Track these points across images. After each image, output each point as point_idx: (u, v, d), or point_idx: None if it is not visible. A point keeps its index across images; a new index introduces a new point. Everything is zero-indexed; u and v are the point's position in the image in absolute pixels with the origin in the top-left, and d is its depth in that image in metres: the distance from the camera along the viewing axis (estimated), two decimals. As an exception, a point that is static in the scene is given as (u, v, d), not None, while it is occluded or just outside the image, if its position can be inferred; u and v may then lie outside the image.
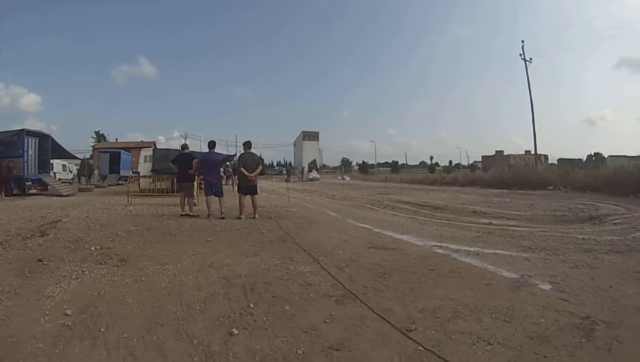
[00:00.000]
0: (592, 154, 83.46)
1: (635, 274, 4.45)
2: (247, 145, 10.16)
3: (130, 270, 4.72)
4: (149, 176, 16.49)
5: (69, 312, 3.41)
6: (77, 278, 4.38)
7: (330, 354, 2.73)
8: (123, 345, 2.86)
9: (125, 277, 4.45)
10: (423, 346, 2.80)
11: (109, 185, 29.14)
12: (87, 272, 4.60)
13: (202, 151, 10.64)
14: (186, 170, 10.16)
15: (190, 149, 11.20)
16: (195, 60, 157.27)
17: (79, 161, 38.33)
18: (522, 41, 36.53)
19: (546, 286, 4.07)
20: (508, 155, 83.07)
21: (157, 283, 4.23)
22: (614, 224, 8.16)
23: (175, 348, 2.83)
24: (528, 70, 35.09)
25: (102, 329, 3.10)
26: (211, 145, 10.16)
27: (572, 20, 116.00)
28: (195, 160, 10.27)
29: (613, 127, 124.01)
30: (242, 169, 9.50)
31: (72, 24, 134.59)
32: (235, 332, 3.06)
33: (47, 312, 3.42)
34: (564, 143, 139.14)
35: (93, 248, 5.80)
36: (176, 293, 3.93)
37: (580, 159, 72.74)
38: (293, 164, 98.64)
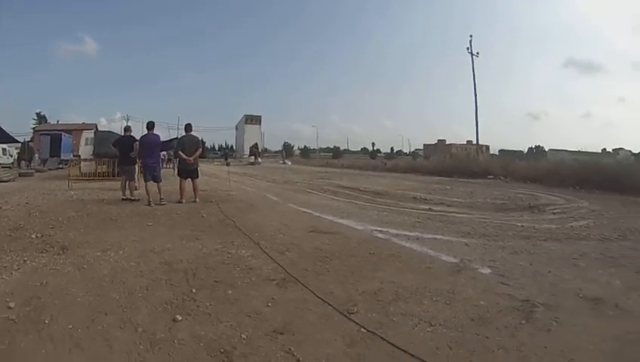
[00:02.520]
0: (534, 146, 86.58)
1: (572, 260, 4.65)
2: (188, 127, 9.89)
3: (72, 257, 4.58)
4: (90, 160, 15.99)
5: (12, 305, 3.25)
6: (18, 268, 4.19)
7: (275, 337, 2.76)
8: (68, 336, 2.77)
9: (67, 265, 4.31)
10: (365, 328, 2.87)
11: (50, 170, 27.82)
12: (28, 262, 4.42)
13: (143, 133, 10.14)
14: (128, 153, 9.83)
15: (132, 132, 10.80)
16: (138, 38, 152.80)
17: (19, 145, 36.31)
18: (470, 36, 37.78)
19: (486, 271, 4.22)
20: (450, 144, 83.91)
21: (99, 271, 4.12)
22: (553, 213, 8.48)
23: (120, 336, 2.77)
24: (474, 64, 35.99)
25: (46, 321, 2.98)
26: (150, 125, 9.71)
27: (523, 20, 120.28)
28: (137, 142, 9.91)
29: (555, 123, 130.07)
30: (180, 153, 9.36)
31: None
32: (179, 318, 3.03)
33: (-10, 306, 3.25)
34: (507, 135, 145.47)
35: (33, 236, 5.59)
36: (118, 280, 3.85)
37: (521, 151, 75.37)
38: (234, 147, 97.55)
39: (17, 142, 30.51)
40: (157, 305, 3.29)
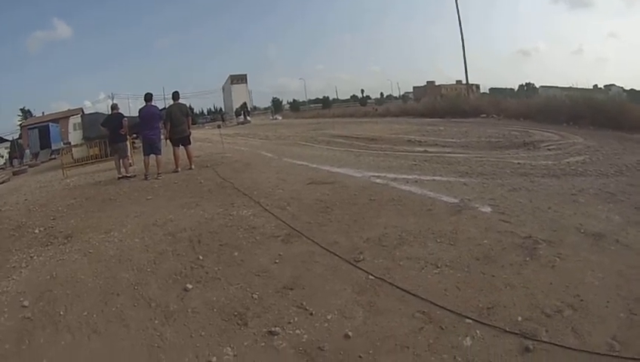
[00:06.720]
0: (524, 84, 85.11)
1: (571, 196, 4.60)
2: (175, 96, 9.78)
3: (77, 244, 4.59)
4: (82, 145, 15.85)
5: (26, 304, 3.27)
6: (27, 266, 4.19)
7: (285, 293, 2.81)
8: (85, 323, 2.83)
9: (73, 253, 4.32)
10: (373, 275, 2.92)
11: (43, 162, 27.56)
12: (35, 257, 4.41)
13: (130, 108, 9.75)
14: (117, 131, 9.66)
15: (119, 109, 10.64)
16: (107, 12, 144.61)
17: (9, 144, 35.90)
18: (449, -32, 36.39)
19: (487, 209, 4.21)
20: (439, 85, 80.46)
21: (105, 253, 4.15)
22: (548, 150, 8.38)
23: (135, 315, 2.83)
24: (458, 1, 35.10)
25: (61, 313, 3.03)
26: (148, 97, 9.47)
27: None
28: (125, 119, 9.81)
29: (546, 59, 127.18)
30: (168, 124, 9.23)
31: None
32: (190, 287, 3.08)
33: (5, 309, 3.26)
34: (497, 73, 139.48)
35: (37, 231, 5.54)
36: (125, 259, 3.89)
37: (511, 89, 73.81)
38: (223, 109, 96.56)
39: (6, 140, 30.22)
40: (166, 277, 3.34)
